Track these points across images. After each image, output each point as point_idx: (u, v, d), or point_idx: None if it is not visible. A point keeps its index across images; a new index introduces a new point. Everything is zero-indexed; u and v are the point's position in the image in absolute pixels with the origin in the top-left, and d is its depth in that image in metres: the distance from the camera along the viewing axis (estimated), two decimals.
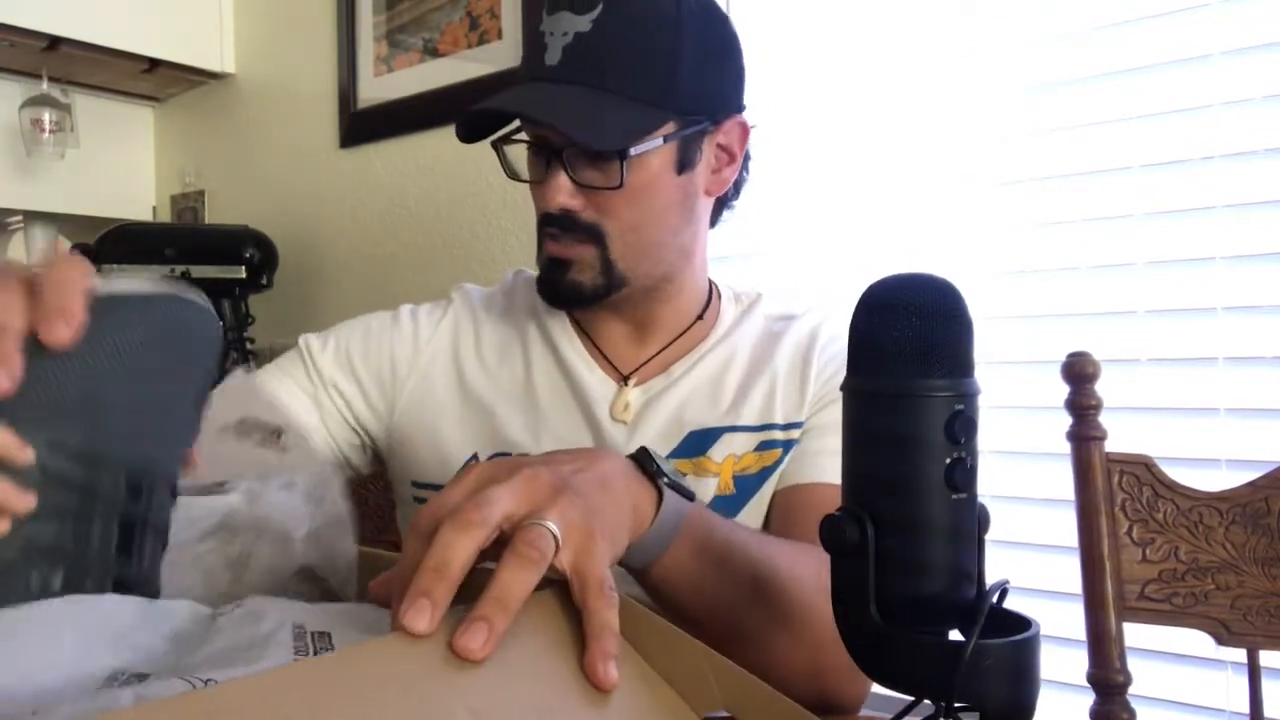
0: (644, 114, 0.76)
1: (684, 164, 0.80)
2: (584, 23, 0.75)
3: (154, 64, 2.08)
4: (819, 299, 0.93)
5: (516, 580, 0.39)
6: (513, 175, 0.84)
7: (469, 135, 0.81)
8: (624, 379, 0.86)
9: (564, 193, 0.77)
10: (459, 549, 0.39)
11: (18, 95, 2.06)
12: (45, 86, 2.05)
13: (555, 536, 0.41)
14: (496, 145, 0.83)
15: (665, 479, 0.55)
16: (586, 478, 0.47)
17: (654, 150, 0.77)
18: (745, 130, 0.84)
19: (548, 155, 0.77)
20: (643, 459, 0.56)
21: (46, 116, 2.02)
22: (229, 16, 2.15)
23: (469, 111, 0.79)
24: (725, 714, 0.41)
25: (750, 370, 0.86)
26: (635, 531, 0.53)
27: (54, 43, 1.91)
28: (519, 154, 0.84)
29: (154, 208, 2.37)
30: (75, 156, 2.12)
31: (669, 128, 0.77)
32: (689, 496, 0.57)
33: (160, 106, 2.37)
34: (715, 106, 0.81)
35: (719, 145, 0.83)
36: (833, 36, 1.28)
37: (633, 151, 0.75)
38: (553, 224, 0.79)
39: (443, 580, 0.37)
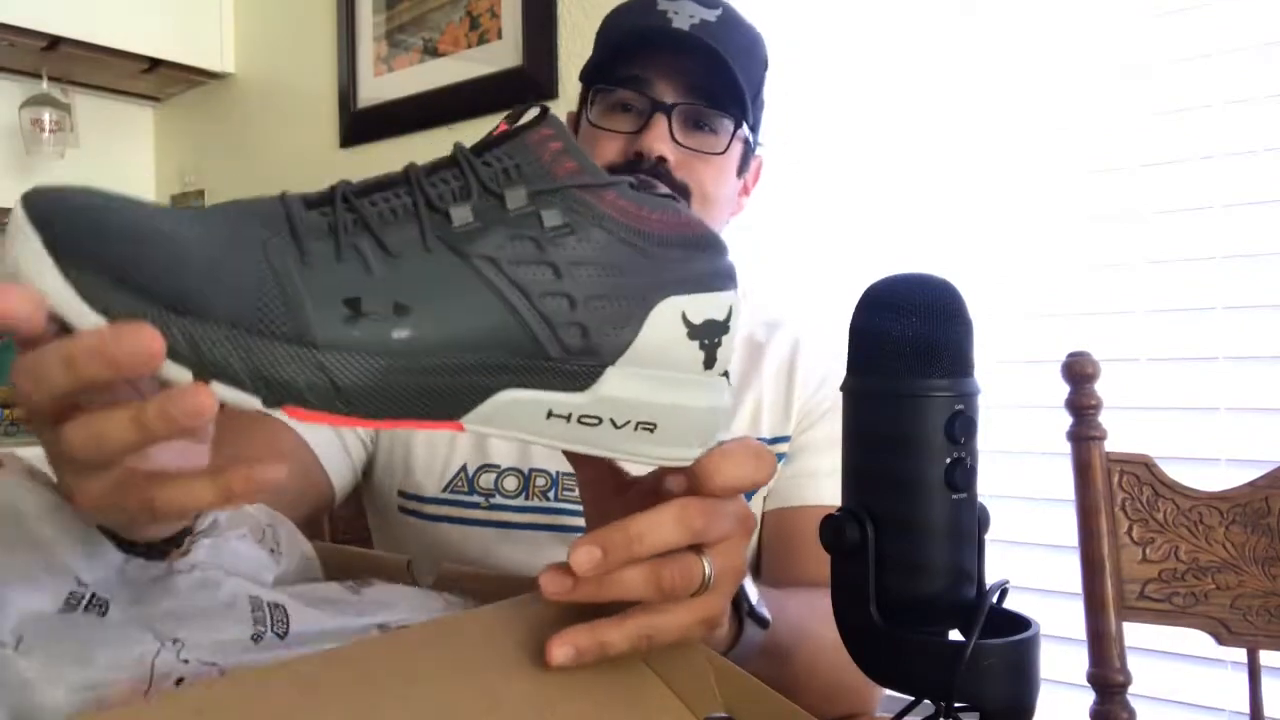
0: (748, 104, 0.80)
1: (740, 169, 0.85)
2: (710, 14, 0.79)
3: (154, 64, 2.08)
4: (796, 304, 0.93)
5: (642, 575, 0.39)
6: (594, 123, 0.83)
7: (594, 75, 0.82)
8: None
9: (667, 142, 0.78)
10: (660, 537, 0.39)
11: (18, 95, 2.06)
12: (45, 86, 2.05)
13: (707, 580, 0.41)
14: (600, 90, 0.82)
15: (748, 606, 0.55)
16: None
17: (737, 139, 0.82)
18: (760, 170, 0.91)
19: (649, 109, 0.79)
20: None
21: (46, 116, 2.03)
22: (229, 16, 2.15)
23: (628, 41, 0.80)
24: (725, 716, 0.41)
25: (738, 384, 0.85)
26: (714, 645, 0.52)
27: (54, 42, 1.91)
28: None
29: None
30: (75, 156, 2.12)
31: (745, 130, 0.82)
32: (765, 624, 0.57)
33: (160, 106, 2.37)
34: (757, 135, 0.87)
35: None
36: (830, 35, 1.28)
37: (744, 126, 0.80)
38: (640, 173, 0.78)
39: (626, 549, 0.38)
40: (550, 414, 0.37)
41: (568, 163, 0.38)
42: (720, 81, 0.77)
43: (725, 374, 0.41)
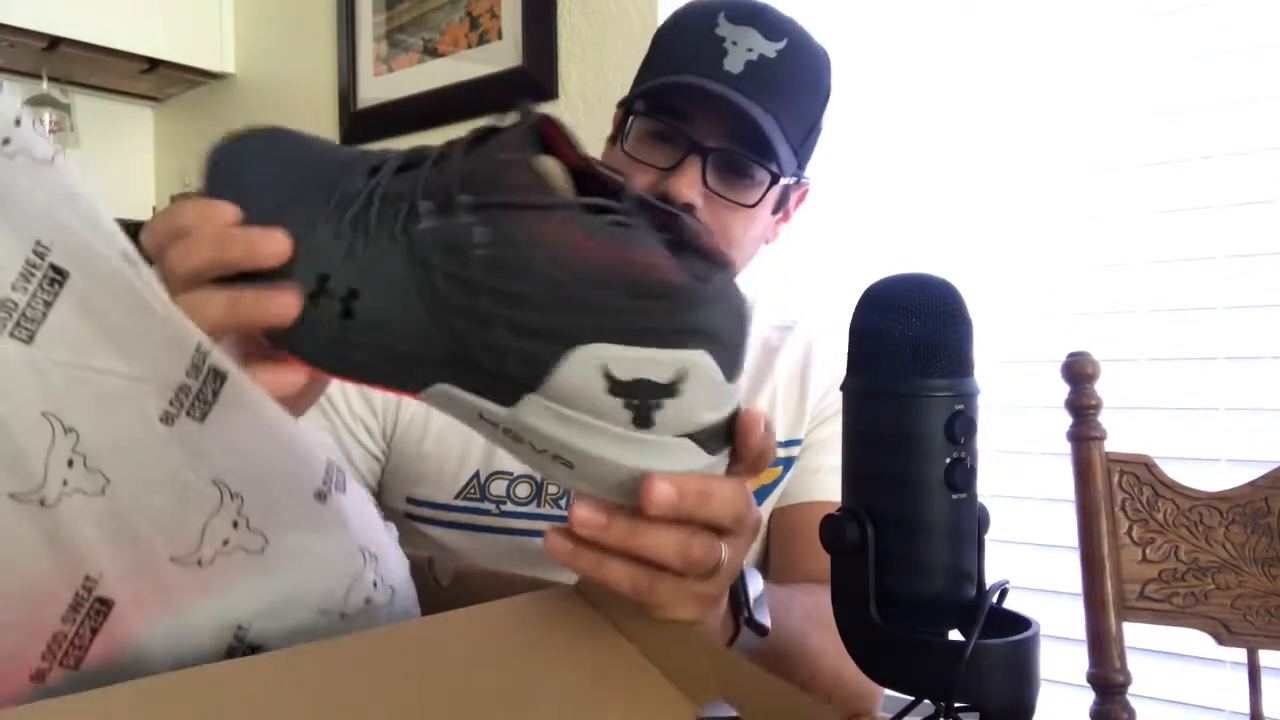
0: (790, 153, 0.77)
1: (777, 208, 0.83)
2: (771, 49, 0.75)
3: (154, 64, 2.08)
4: (811, 307, 0.93)
5: (657, 537, 0.38)
6: (628, 151, 0.79)
7: (637, 95, 0.79)
8: None
9: (697, 189, 0.75)
10: (720, 507, 0.39)
11: (18, 95, 2.06)
12: (45, 86, 2.05)
13: (719, 566, 0.41)
14: (636, 115, 0.79)
15: (746, 614, 0.54)
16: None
17: (773, 191, 0.79)
18: (805, 196, 0.88)
19: (686, 149, 0.76)
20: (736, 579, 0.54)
21: (46, 116, 2.03)
22: (229, 16, 2.15)
23: (671, 83, 0.75)
24: (725, 707, 0.41)
25: (751, 387, 0.85)
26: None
27: (54, 43, 1.91)
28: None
29: (154, 208, 2.37)
30: (75, 156, 2.12)
31: (785, 181, 0.80)
32: (763, 633, 0.56)
33: (160, 107, 2.37)
34: (805, 166, 0.84)
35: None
36: (830, 36, 1.28)
37: (783, 182, 0.78)
38: None
39: (697, 501, 0.38)
40: (481, 416, 0.38)
41: (522, 176, 0.36)
42: (763, 133, 0.73)
43: (698, 440, 0.38)
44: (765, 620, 0.57)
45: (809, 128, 0.80)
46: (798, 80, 0.77)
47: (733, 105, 0.73)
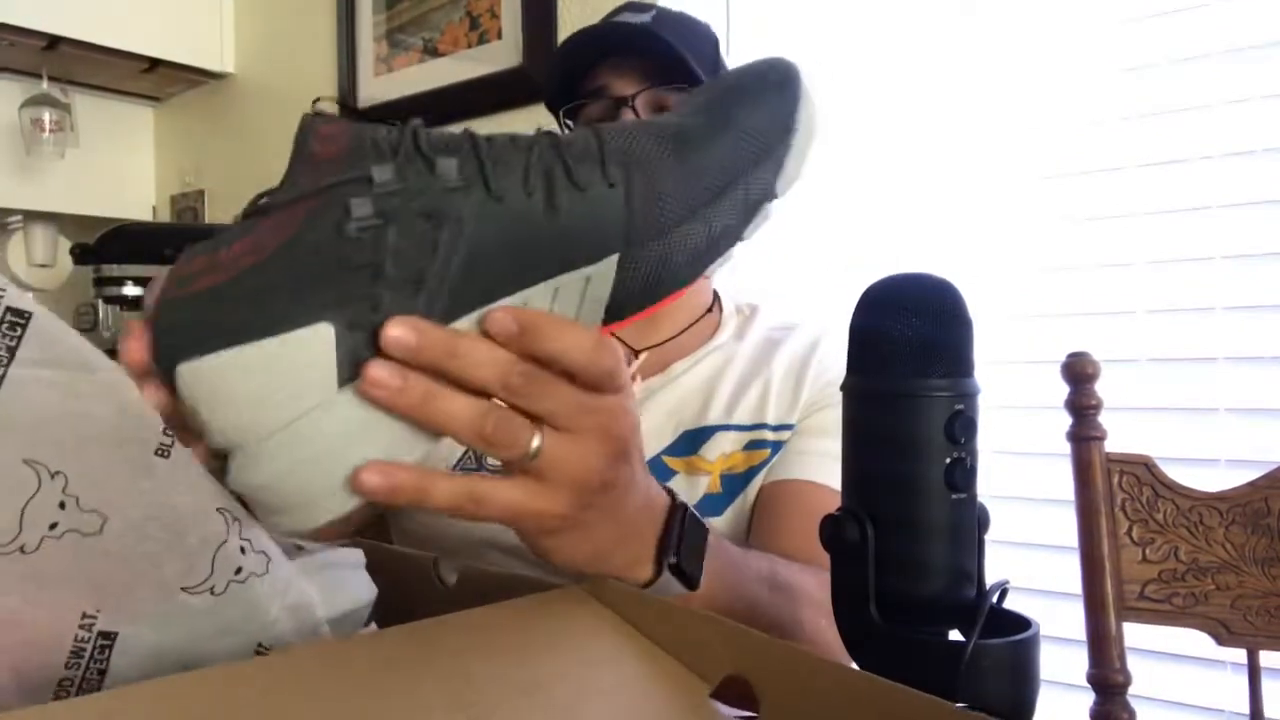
0: (699, 79, 0.84)
1: None
2: (646, 17, 0.86)
3: (154, 64, 2.08)
4: (818, 313, 0.95)
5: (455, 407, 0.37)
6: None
7: (558, 97, 0.88)
8: (633, 354, 0.88)
9: None
10: (477, 359, 0.37)
11: (18, 95, 2.06)
12: (45, 86, 2.05)
13: (532, 451, 0.39)
14: (567, 109, 0.88)
15: (672, 559, 0.48)
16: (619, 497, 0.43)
17: None
18: None
19: (614, 108, 0.84)
20: (671, 518, 0.49)
21: (46, 116, 2.02)
22: (229, 16, 2.15)
23: (573, 40, 0.85)
24: (738, 677, 0.40)
25: (747, 373, 0.87)
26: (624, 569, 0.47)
27: (54, 42, 1.91)
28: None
29: (154, 208, 2.37)
30: (75, 156, 2.12)
31: None
32: (690, 585, 0.49)
33: (160, 106, 2.37)
34: None
35: None
36: (830, 33, 1.28)
37: None
38: None
39: (444, 347, 0.36)
40: None
41: None
42: (672, 63, 0.82)
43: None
44: (696, 573, 0.50)
45: (710, 68, 0.86)
46: (681, 30, 0.85)
47: (636, 48, 0.82)
